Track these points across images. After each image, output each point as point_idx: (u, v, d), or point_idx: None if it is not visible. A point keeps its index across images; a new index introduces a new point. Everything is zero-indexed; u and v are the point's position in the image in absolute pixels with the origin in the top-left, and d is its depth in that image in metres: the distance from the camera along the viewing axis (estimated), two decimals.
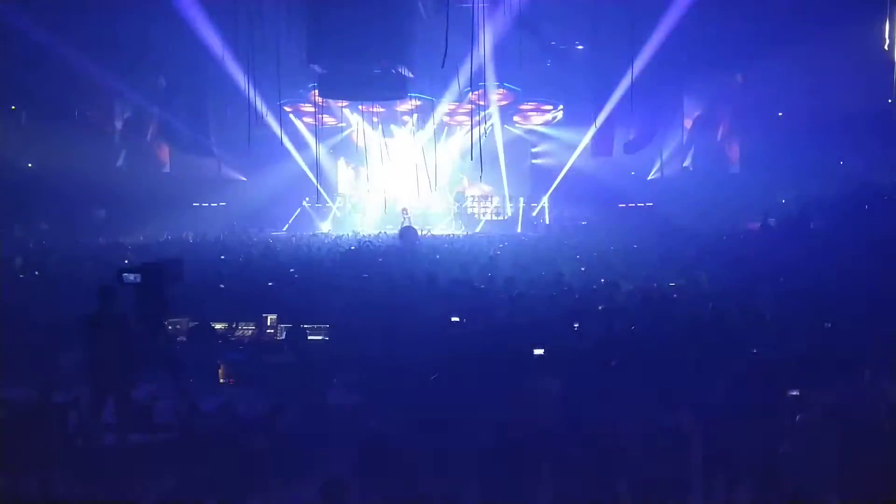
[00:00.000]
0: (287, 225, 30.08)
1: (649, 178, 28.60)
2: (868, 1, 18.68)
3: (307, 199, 30.25)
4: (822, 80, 21.83)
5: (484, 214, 31.48)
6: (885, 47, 17.46)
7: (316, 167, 22.51)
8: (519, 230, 28.80)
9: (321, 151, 28.22)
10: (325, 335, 10.09)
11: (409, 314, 10.24)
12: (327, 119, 29.74)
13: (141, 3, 22.45)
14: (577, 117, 27.51)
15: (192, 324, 10.17)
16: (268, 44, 18.91)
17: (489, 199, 31.61)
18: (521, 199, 30.93)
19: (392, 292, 12.09)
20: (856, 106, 20.47)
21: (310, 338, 9.90)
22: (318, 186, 26.54)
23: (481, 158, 18.14)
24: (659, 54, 22.54)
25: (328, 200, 31.07)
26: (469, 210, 31.06)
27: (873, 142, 20.44)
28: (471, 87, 16.78)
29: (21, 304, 11.26)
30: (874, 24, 18.31)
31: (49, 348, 8.94)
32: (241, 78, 19.98)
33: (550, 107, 28.65)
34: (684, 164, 28.20)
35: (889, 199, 17.81)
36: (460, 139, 30.10)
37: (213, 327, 10.20)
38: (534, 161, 31.77)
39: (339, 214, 31.31)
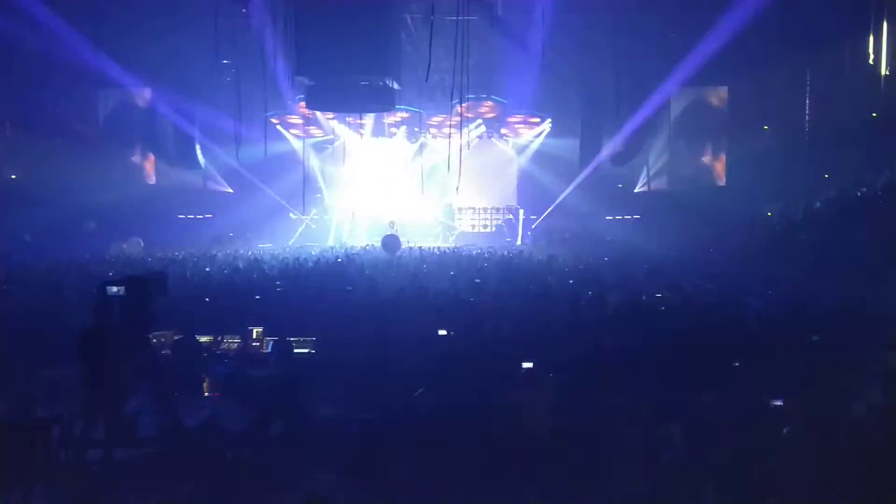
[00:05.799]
0: (273, 237, 29.86)
1: (636, 190, 28.72)
2: (853, 17, 18.89)
3: (293, 211, 30.12)
4: (808, 95, 22.05)
5: (472, 227, 31.44)
6: (871, 62, 17.65)
7: (303, 179, 22.39)
8: (507, 242, 28.78)
9: (307, 163, 28.24)
10: (312, 348, 10.04)
11: (396, 327, 10.21)
12: (314, 131, 29.74)
13: (129, 15, 22.41)
14: (564, 130, 27.65)
15: (176, 337, 10.09)
16: (255, 55, 18.92)
17: (477, 211, 31.59)
18: (509, 212, 30.94)
19: (379, 304, 12.05)
20: (840, 120, 20.68)
21: (296, 351, 9.85)
22: (305, 198, 26.41)
23: (460, 171, 18.18)
24: (646, 67, 22.69)
25: (315, 212, 30.94)
26: (456, 222, 31.02)
27: (857, 156, 20.62)
28: (458, 99, 16.83)
29: (4, 317, 11.14)
30: (859, 40, 18.52)
31: (32, 362, 8.83)
32: (228, 89, 19.96)
33: (538, 119, 28.72)
34: (670, 177, 28.30)
35: (873, 211, 17.95)
36: (447, 151, 30.06)
37: (199, 340, 10.12)
38: (520, 174, 31.72)
39: (325, 227, 31.14)
